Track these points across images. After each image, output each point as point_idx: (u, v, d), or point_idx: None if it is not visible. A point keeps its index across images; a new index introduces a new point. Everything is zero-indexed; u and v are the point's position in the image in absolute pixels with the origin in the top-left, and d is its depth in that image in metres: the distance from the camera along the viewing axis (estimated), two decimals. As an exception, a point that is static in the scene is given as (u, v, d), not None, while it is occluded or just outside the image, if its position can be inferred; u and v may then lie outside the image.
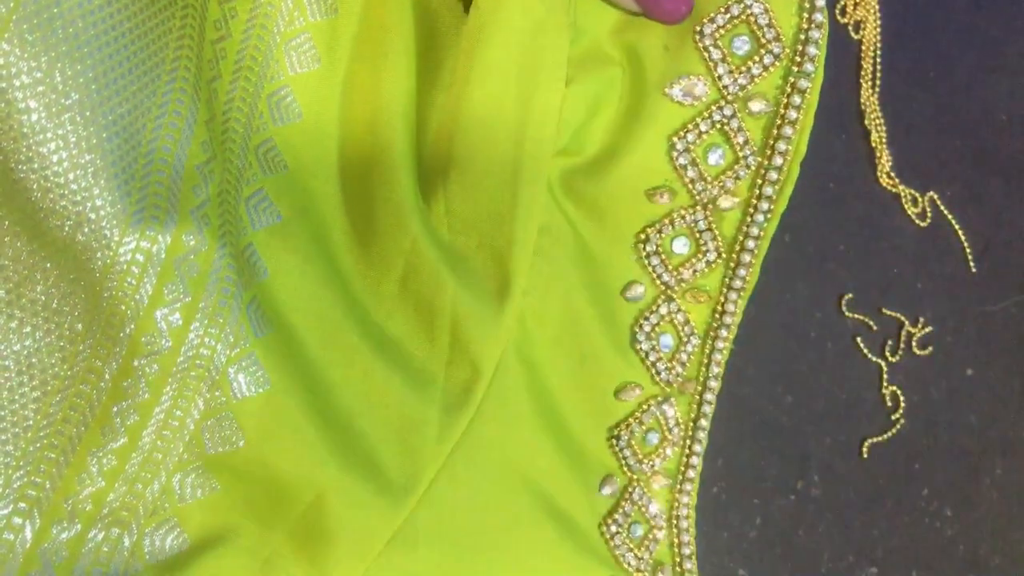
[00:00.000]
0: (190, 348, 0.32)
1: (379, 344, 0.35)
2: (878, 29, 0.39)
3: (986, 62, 0.41)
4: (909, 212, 0.41)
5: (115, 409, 0.32)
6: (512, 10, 0.33)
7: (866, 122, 0.40)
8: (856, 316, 0.41)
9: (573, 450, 0.38)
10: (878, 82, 0.40)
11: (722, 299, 0.37)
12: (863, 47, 0.40)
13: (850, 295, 0.41)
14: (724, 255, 0.36)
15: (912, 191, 0.41)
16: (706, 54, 0.35)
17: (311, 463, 0.34)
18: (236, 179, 0.34)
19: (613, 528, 0.37)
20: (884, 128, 0.41)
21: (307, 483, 0.34)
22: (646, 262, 0.37)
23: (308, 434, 0.34)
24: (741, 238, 0.36)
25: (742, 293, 0.37)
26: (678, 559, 0.37)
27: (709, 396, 0.37)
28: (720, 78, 0.35)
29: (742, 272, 0.36)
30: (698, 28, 0.34)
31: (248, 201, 0.35)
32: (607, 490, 0.37)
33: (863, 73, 0.40)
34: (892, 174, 0.41)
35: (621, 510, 0.37)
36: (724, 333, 0.37)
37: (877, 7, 0.38)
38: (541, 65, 0.34)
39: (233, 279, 0.32)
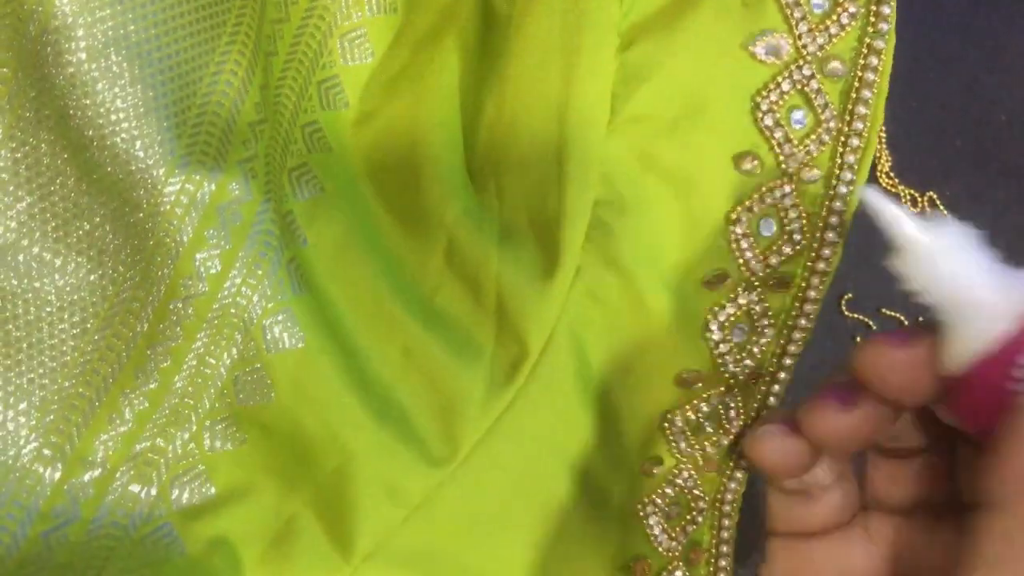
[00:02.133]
0: (226, 296, 0.32)
1: (424, 317, 0.35)
2: (879, 27, 0.41)
3: (986, 62, 0.42)
4: (908, 212, 0.42)
5: (149, 352, 0.32)
6: None
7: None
8: (856, 316, 0.42)
9: (617, 431, 0.37)
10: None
11: (804, 284, 0.34)
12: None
13: (850, 295, 0.41)
14: (808, 235, 0.34)
15: (912, 191, 0.42)
16: (788, 11, 0.34)
17: (342, 425, 0.34)
18: (282, 149, 0.35)
19: (650, 508, 0.36)
20: (884, 128, 0.42)
21: (335, 447, 0.34)
22: (734, 246, 0.34)
23: (342, 397, 0.34)
24: (825, 214, 0.34)
25: (825, 277, 0.34)
26: (715, 541, 0.36)
27: (777, 388, 0.35)
28: (800, 36, 0.34)
29: (826, 252, 0.34)
30: None
31: (292, 172, 0.36)
32: (651, 470, 0.36)
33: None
34: (892, 174, 0.42)
35: (662, 491, 0.36)
36: (803, 322, 0.35)
37: (877, 8, 0.39)
38: (584, 29, 0.33)
39: (276, 233, 0.33)
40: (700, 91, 0.34)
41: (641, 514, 0.36)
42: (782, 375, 0.35)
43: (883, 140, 0.42)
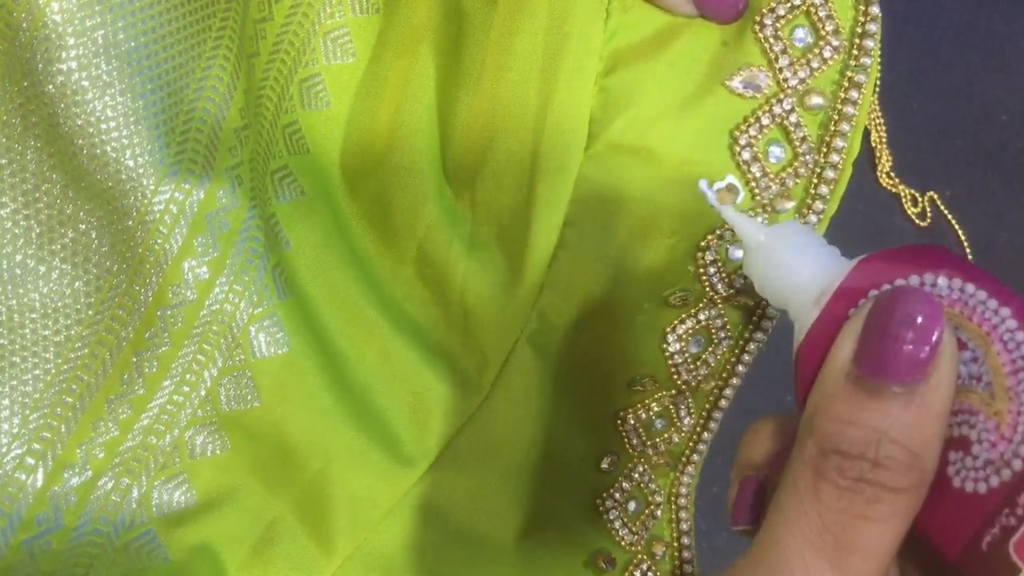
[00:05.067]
0: (214, 302, 0.33)
1: (397, 322, 0.36)
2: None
3: (986, 62, 0.42)
4: (909, 212, 0.42)
5: (135, 359, 0.33)
6: None
7: (866, 122, 0.41)
8: (856, 317, 0.42)
9: (576, 432, 0.38)
10: (878, 82, 0.41)
11: (764, 302, 0.35)
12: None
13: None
14: None
15: (912, 191, 0.42)
16: (767, 44, 0.33)
17: (323, 429, 0.35)
18: (265, 152, 0.35)
19: (609, 503, 0.37)
20: (884, 128, 0.42)
21: (317, 450, 0.35)
22: (702, 271, 0.35)
23: (323, 400, 0.35)
24: None
25: None
26: (675, 535, 0.37)
27: (729, 392, 0.36)
28: (781, 70, 0.33)
29: None
30: (758, 19, 0.33)
31: (273, 175, 0.36)
32: (607, 466, 0.37)
33: (865, 73, 0.41)
34: (892, 174, 0.42)
35: (619, 486, 0.37)
36: (759, 335, 0.36)
37: (877, 7, 0.39)
38: (566, 52, 0.34)
39: (261, 240, 0.33)
40: (678, 124, 0.34)
41: (601, 509, 0.37)
42: (735, 380, 0.36)
43: (883, 140, 0.42)
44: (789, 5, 0.33)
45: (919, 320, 0.24)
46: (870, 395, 0.25)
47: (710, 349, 0.35)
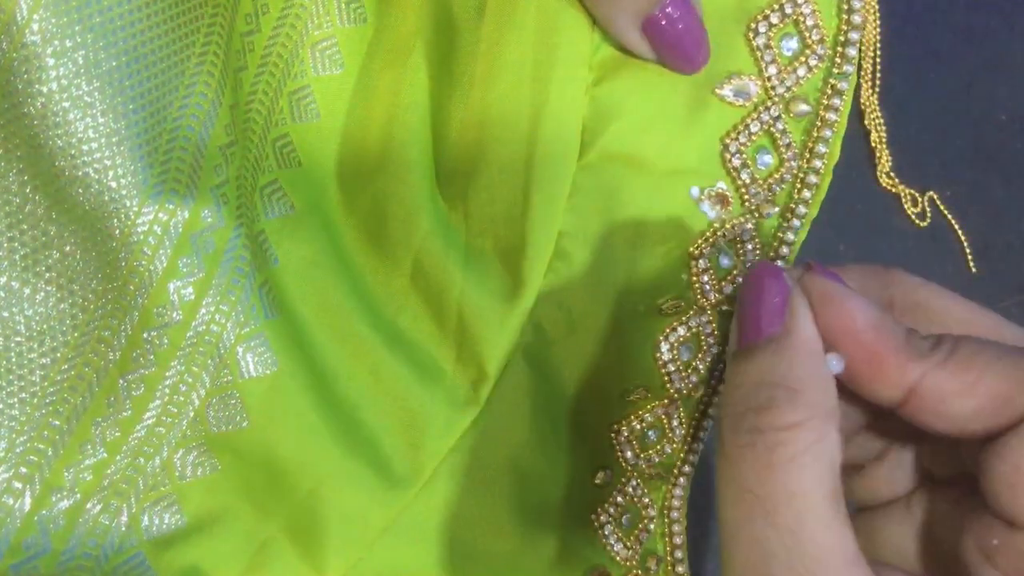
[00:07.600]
0: (200, 323, 0.32)
1: (389, 337, 0.36)
2: (878, 29, 0.40)
3: (986, 62, 0.42)
4: (909, 212, 0.42)
5: (122, 381, 0.32)
6: (526, 7, 0.33)
7: (866, 122, 0.41)
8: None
9: (570, 446, 0.37)
10: (878, 82, 0.41)
11: None
12: (863, 47, 0.40)
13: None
14: None
15: (912, 191, 0.42)
16: (758, 53, 0.34)
17: (313, 449, 0.34)
18: (253, 167, 0.35)
19: (604, 518, 0.37)
20: (884, 128, 0.41)
21: (307, 470, 0.34)
22: (695, 279, 0.35)
23: (312, 420, 0.34)
24: (776, 245, 0.35)
25: None
26: (669, 548, 0.37)
27: (718, 399, 0.36)
28: (770, 79, 0.34)
29: None
30: (752, 26, 0.34)
31: (263, 190, 0.35)
32: (601, 481, 0.37)
33: (863, 73, 0.41)
34: (892, 174, 0.41)
35: (613, 500, 0.37)
36: None
37: (877, 7, 0.39)
38: (556, 63, 0.34)
39: (247, 259, 0.33)
40: (670, 132, 0.34)
41: (596, 524, 0.37)
42: (723, 387, 0.36)
43: (883, 140, 0.41)
44: (781, 14, 0.33)
45: (766, 281, 0.28)
46: (747, 358, 0.27)
47: (700, 356, 0.35)
